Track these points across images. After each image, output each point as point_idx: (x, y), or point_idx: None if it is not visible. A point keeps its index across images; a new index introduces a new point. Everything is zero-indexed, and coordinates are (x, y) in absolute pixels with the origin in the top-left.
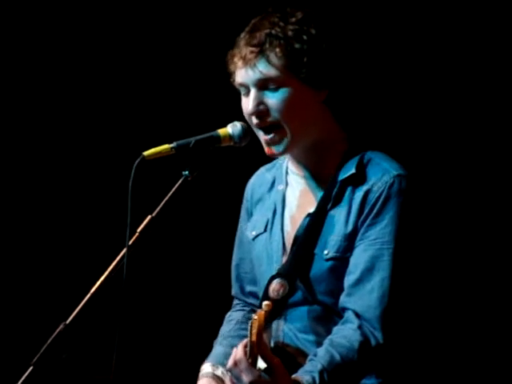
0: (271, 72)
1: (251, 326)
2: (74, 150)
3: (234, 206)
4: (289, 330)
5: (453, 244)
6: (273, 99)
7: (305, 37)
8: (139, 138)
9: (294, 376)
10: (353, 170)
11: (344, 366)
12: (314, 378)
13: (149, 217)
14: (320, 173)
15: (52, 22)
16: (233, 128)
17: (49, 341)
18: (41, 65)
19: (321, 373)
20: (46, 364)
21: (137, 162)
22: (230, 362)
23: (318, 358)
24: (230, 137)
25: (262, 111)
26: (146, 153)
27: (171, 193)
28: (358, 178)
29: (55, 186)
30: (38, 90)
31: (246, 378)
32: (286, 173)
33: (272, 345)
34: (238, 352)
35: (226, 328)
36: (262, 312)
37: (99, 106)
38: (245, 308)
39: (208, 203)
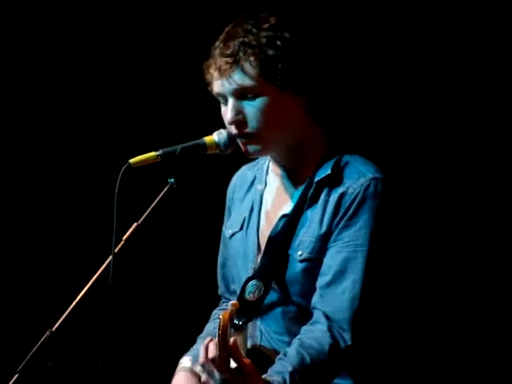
0: (247, 82)
1: (218, 326)
2: (59, 158)
3: (218, 211)
4: (265, 330)
5: (427, 247)
6: (250, 108)
7: (279, 42)
8: (125, 145)
9: (264, 376)
10: (328, 171)
11: (314, 368)
12: (284, 379)
13: (134, 224)
14: (298, 174)
15: (43, 26)
16: (219, 136)
17: (35, 348)
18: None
19: (291, 374)
20: (31, 371)
21: (123, 169)
22: (203, 358)
23: (288, 359)
24: (216, 144)
25: (240, 120)
26: (131, 160)
27: (157, 200)
28: (334, 180)
29: (40, 193)
30: (23, 97)
31: (218, 375)
32: (267, 173)
33: (249, 346)
34: (212, 349)
35: (211, 326)
36: (228, 312)
37: (85, 115)
38: None
39: (193, 209)
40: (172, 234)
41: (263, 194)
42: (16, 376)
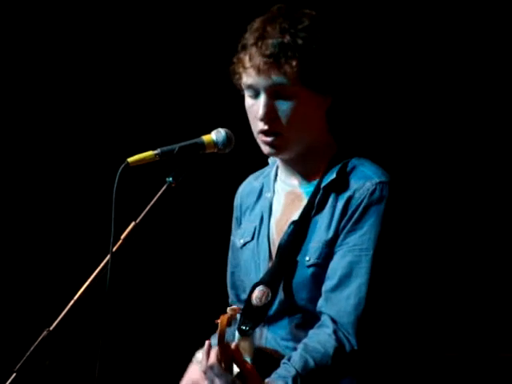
0: (284, 82)
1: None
2: (57, 157)
3: (218, 211)
4: (272, 337)
5: (433, 252)
6: (283, 107)
7: (315, 46)
8: (123, 144)
9: (267, 380)
10: (333, 176)
11: (318, 372)
12: None
13: (133, 223)
14: (307, 180)
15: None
16: (217, 135)
17: (32, 347)
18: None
19: (294, 378)
20: (29, 371)
21: (121, 168)
22: (204, 366)
23: (291, 363)
24: (215, 143)
25: (271, 118)
26: (130, 159)
27: (155, 199)
28: (341, 185)
29: (38, 192)
30: (21, 97)
31: (219, 382)
32: (275, 180)
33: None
34: (212, 356)
35: None
36: (226, 316)
37: (83, 114)
38: None
39: (191, 208)
40: (170, 233)
41: (272, 202)
42: (13, 375)
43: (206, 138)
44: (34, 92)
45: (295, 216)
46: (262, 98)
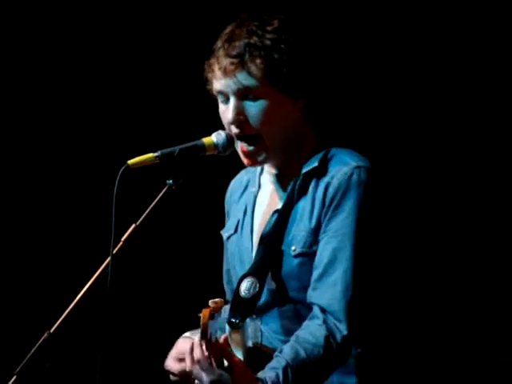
0: (251, 83)
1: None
2: (58, 159)
3: (217, 212)
4: (265, 330)
5: (415, 235)
6: (252, 109)
7: (283, 46)
8: (123, 146)
9: (259, 373)
10: (315, 164)
11: (309, 362)
12: (277, 375)
13: (133, 225)
14: (290, 172)
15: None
16: (217, 137)
17: (33, 350)
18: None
19: (285, 369)
20: (29, 373)
21: (121, 170)
22: (189, 361)
23: (282, 355)
24: (215, 146)
25: (241, 121)
26: (130, 161)
27: (155, 201)
28: (321, 172)
29: (39, 194)
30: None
31: (206, 377)
32: (261, 174)
33: (251, 345)
34: (197, 352)
35: None
36: (208, 310)
37: (84, 116)
38: None
39: (191, 211)
40: (171, 235)
41: (257, 196)
42: (14, 378)
43: (206, 140)
44: (35, 94)
45: (278, 206)
46: (231, 102)
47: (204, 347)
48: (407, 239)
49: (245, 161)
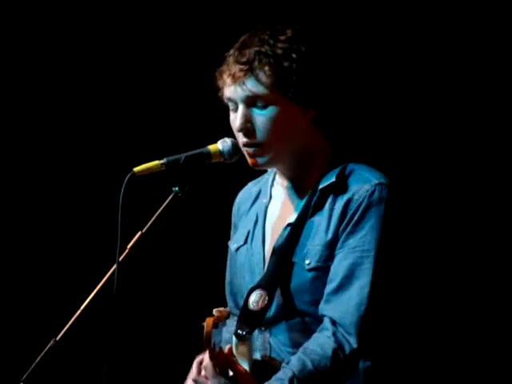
0: (260, 90)
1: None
2: (64, 166)
3: (223, 220)
4: (274, 343)
5: (434, 252)
6: (260, 117)
7: (294, 55)
8: (129, 153)
9: None
10: (333, 179)
11: (316, 374)
12: None
13: (139, 233)
14: (303, 184)
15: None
16: (223, 144)
17: (39, 357)
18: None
19: (291, 380)
20: (35, 381)
21: (127, 178)
22: (195, 371)
23: (289, 366)
24: (221, 153)
25: (249, 128)
26: (136, 169)
27: (161, 209)
28: (339, 188)
29: (45, 202)
30: (27, 105)
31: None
32: (272, 185)
33: (259, 358)
34: (205, 359)
35: None
36: (211, 319)
37: (90, 123)
38: None
39: (197, 218)
40: (177, 242)
41: (268, 207)
42: None
43: (212, 147)
44: (40, 101)
45: (291, 219)
46: (240, 109)
47: (208, 355)
48: (422, 254)
49: (250, 161)
